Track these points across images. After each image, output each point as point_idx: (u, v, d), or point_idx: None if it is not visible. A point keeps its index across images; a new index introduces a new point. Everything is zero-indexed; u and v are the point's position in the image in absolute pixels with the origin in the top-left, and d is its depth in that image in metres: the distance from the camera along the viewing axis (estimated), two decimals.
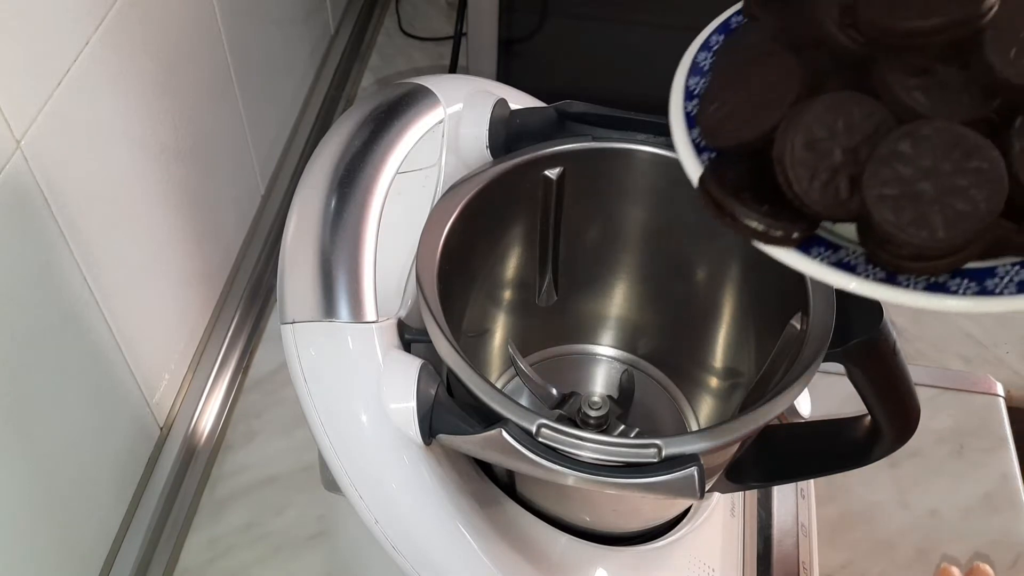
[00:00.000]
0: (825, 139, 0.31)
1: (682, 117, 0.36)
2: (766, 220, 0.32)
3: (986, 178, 0.29)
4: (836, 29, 0.32)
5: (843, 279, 0.31)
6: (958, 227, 0.29)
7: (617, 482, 0.40)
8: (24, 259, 0.49)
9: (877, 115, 0.31)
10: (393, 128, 0.50)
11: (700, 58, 0.38)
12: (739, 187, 0.33)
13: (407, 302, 0.49)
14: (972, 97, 0.30)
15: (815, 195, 0.31)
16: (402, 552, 0.46)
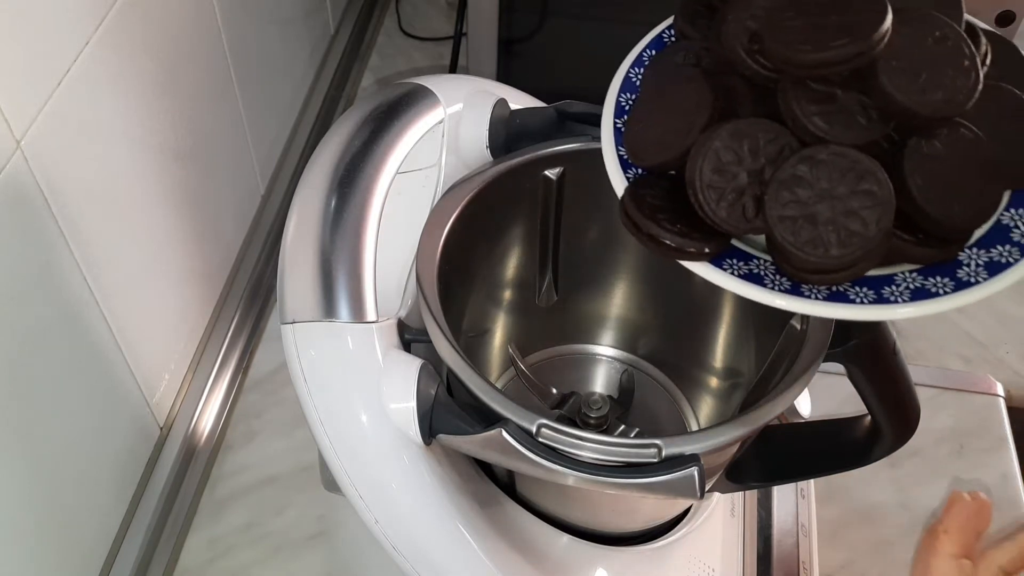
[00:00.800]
0: (732, 163, 0.33)
1: (611, 134, 0.38)
2: (679, 239, 0.34)
3: (876, 200, 0.32)
4: (745, 55, 0.34)
5: (751, 291, 0.33)
6: (850, 246, 0.32)
7: (617, 482, 0.40)
8: (24, 259, 0.49)
9: (781, 139, 0.33)
10: (393, 128, 0.50)
11: (632, 73, 0.40)
12: (656, 207, 0.35)
13: (407, 302, 0.49)
14: (870, 120, 0.33)
15: (723, 214, 0.34)
16: (402, 552, 0.46)
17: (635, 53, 0.41)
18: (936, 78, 0.32)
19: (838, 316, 0.33)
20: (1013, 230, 0.34)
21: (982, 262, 0.33)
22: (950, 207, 0.33)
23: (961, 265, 0.34)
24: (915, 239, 0.33)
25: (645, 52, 0.40)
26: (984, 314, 0.83)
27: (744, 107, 0.35)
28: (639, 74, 0.40)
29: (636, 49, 0.41)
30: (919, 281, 0.34)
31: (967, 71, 0.32)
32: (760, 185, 0.33)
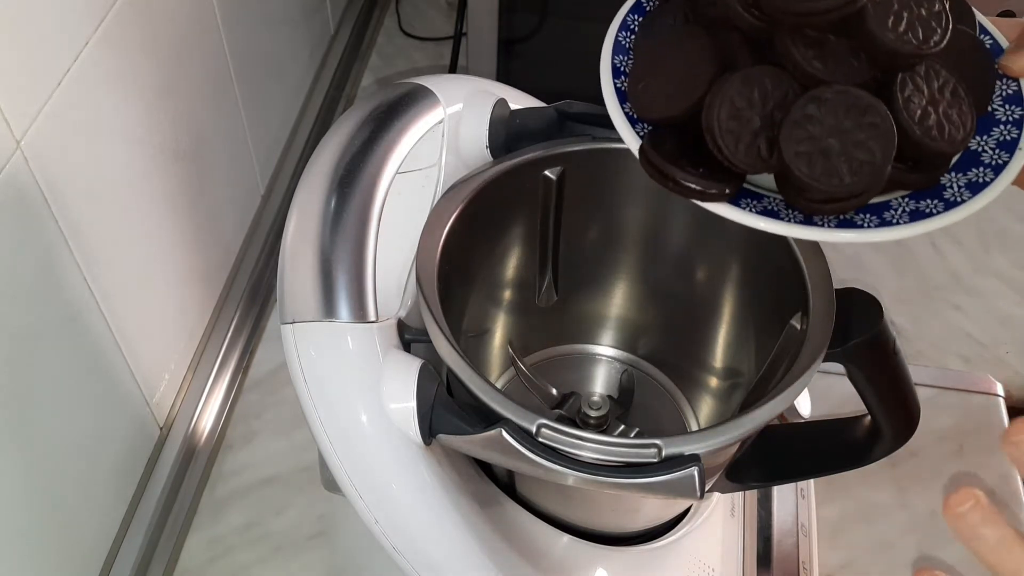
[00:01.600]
0: (745, 108, 0.36)
1: (614, 93, 0.40)
2: (703, 181, 0.37)
3: (879, 131, 0.35)
4: (741, 9, 0.37)
5: (771, 224, 0.36)
6: (861, 173, 0.35)
7: (617, 482, 0.40)
8: (24, 259, 0.49)
9: (785, 83, 0.36)
10: (393, 128, 0.50)
11: (621, 37, 0.42)
12: (675, 155, 0.38)
13: (407, 302, 0.49)
14: (860, 61, 0.36)
15: (741, 156, 0.36)
16: (402, 552, 0.46)
17: (620, 17, 0.43)
18: (915, 22, 0.35)
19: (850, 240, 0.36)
20: (982, 154, 0.37)
21: (962, 184, 0.37)
22: (939, 135, 0.36)
23: (945, 188, 0.37)
24: (906, 166, 0.37)
25: (629, 17, 0.43)
26: (984, 314, 0.83)
27: (742, 59, 0.38)
28: (628, 37, 0.42)
29: (620, 13, 0.43)
30: (912, 205, 0.37)
31: (938, 15, 0.36)
32: (772, 127, 0.36)
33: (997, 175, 0.36)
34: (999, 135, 0.38)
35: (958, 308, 0.84)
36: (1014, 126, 0.38)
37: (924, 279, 0.86)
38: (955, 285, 0.85)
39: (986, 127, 0.38)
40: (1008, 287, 0.85)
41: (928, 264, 0.87)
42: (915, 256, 0.87)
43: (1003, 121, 0.38)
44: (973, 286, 0.85)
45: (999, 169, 0.37)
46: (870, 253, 0.86)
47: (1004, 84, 0.39)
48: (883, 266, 0.86)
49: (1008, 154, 0.37)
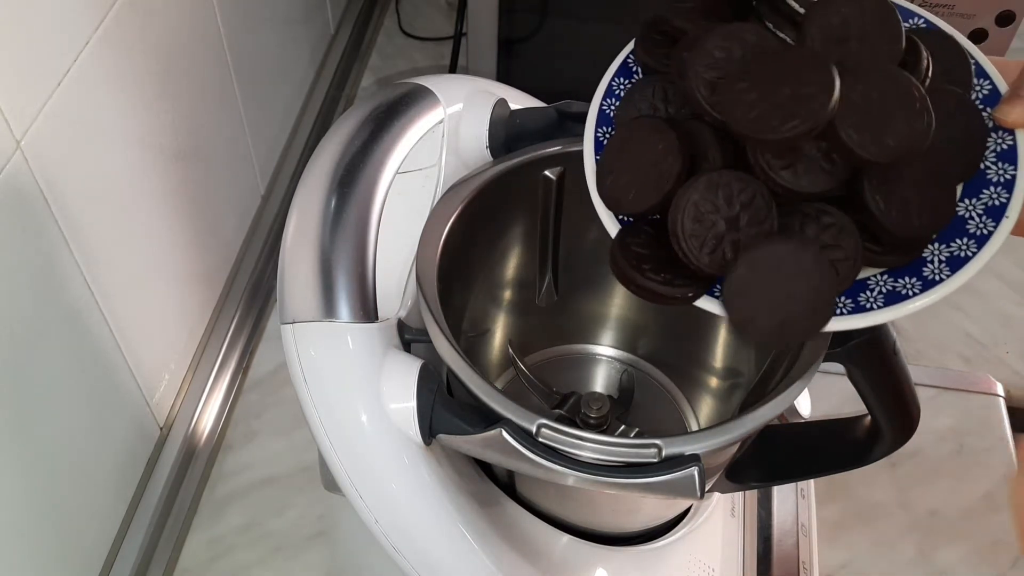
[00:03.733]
0: (710, 212, 0.36)
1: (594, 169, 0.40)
2: (666, 288, 0.38)
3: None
4: (708, 107, 0.36)
5: None
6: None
7: (617, 482, 0.40)
8: (24, 259, 0.49)
9: (752, 187, 0.36)
10: (393, 128, 0.50)
11: (605, 105, 0.42)
12: (642, 256, 0.38)
13: (407, 302, 0.49)
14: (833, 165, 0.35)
15: (705, 260, 0.36)
16: (402, 552, 0.46)
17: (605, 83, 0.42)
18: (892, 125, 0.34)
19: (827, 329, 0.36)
20: (969, 221, 0.36)
21: (944, 258, 0.36)
22: (910, 221, 0.35)
23: (926, 263, 0.36)
24: (882, 249, 0.36)
25: (615, 81, 0.42)
26: (984, 314, 0.83)
27: (712, 153, 0.37)
28: (612, 104, 0.42)
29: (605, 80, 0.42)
30: (890, 284, 0.36)
31: (919, 113, 0.34)
32: (736, 231, 0.36)
33: (980, 248, 0.34)
34: (988, 199, 0.35)
35: (958, 308, 0.84)
36: (1004, 188, 0.35)
37: None
38: None
39: (976, 189, 0.36)
40: (1008, 287, 0.85)
41: None
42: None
43: (994, 182, 0.35)
44: (974, 286, 0.85)
45: (983, 241, 0.34)
46: None
47: (999, 137, 0.36)
48: None
49: (995, 223, 0.34)
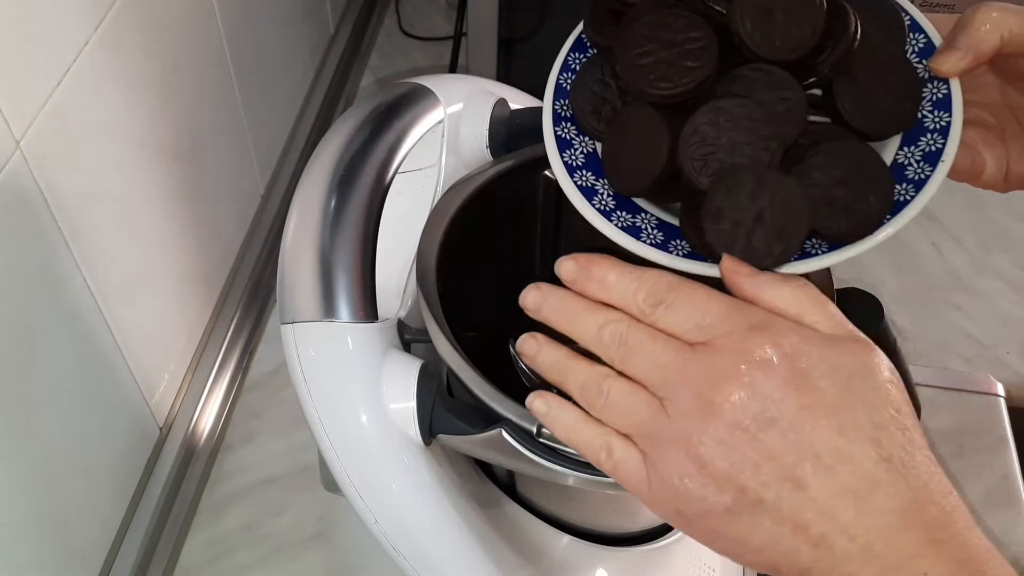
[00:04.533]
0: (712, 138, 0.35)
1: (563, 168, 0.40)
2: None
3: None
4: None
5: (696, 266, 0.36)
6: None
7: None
8: (24, 259, 0.49)
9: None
10: (393, 128, 0.50)
11: (562, 79, 0.42)
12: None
13: (407, 302, 0.49)
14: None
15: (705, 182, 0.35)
16: (402, 552, 0.46)
17: (560, 60, 0.43)
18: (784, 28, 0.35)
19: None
20: (907, 167, 0.36)
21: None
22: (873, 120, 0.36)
23: None
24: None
25: (571, 56, 0.42)
26: (984, 314, 0.83)
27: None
28: (568, 79, 0.42)
29: (560, 57, 0.43)
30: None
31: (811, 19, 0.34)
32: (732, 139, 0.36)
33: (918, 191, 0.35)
34: (925, 145, 0.36)
35: (959, 308, 0.84)
36: (940, 135, 0.36)
37: (925, 279, 0.86)
38: (956, 285, 0.85)
39: (914, 136, 0.37)
40: (1008, 287, 0.85)
41: (929, 264, 0.87)
42: (916, 256, 0.87)
43: (930, 129, 0.36)
44: (974, 286, 0.85)
45: (920, 185, 0.35)
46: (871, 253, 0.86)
47: (935, 87, 0.37)
48: (884, 266, 0.86)
49: (932, 167, 0.35)
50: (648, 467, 0.32)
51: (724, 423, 0.30)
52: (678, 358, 0.31)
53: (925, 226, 0.89)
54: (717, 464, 0.30)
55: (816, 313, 0.32)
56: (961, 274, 0.86)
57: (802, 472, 0.29)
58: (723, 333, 0.31)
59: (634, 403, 0.32)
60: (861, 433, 0.29)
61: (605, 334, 0.33)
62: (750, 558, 0.32)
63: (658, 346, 0.32)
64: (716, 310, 0.31)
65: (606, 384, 0.33)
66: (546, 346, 0.35)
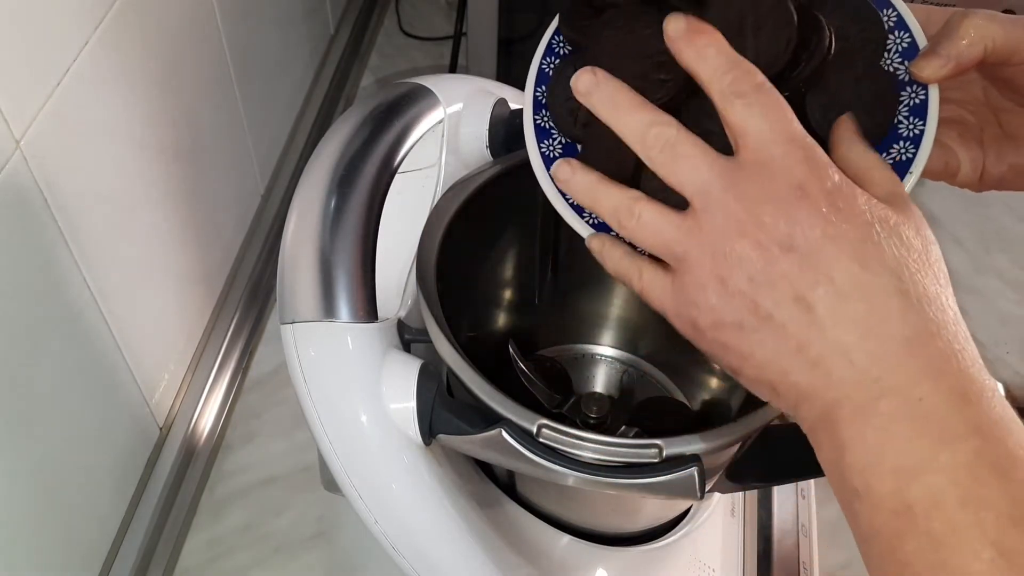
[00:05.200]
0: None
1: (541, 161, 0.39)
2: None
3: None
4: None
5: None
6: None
7: (617, 482, 0.40)
8: (23, 259, 0.49)
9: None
10: (393, 128, 0.50)
11: (544, 64, 0.41)
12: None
13: (407, 302, 0.49)
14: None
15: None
16: (402, 552, 0.46)
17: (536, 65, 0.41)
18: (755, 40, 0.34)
19: None
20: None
21: None
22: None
23: None
24: None
25: (544, 61, 0.41)
26: (984, 314, 0.83)
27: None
28: (552, 63, 0.41)
29: (536, 61, 0.41)
30: None
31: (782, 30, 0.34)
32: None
33: None
34: (896, 153, 0.36)
35: (958, 308, 0.83)
36: (912, 144, 0.36)
37: None
38: (955, 285, 0.84)
39: (887, 143, 0.36)
40: (1008, 287, 0.85)
41: None
42: None
43: (904, 136, 0.36)
44: (973, 286, 0.85)
45: None
46: None
47: (913, 92, 0.37)
48: None
49: (900, 177, 0.35)
50: (674, 285, 0.33)
51: (751, 242, 0.31)
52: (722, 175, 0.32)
53: None
54: (738, 279, 0.31)
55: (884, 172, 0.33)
56: (961, 274, 0.86)
57: (814, 295, 0.30)
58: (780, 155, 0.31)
59: (664, 224, 0.33)
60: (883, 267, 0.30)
61: (651, 134, 0.33)
62: (751, 373, 0.33)
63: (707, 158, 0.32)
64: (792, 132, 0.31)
65: (637, 206, 0.33)
66: (580, 170, 0.36)
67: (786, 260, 0.30)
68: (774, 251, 0.31)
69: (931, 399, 0.29)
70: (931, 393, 0.29)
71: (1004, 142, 0.40)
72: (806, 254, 0.30)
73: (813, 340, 0.30)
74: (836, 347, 0.30)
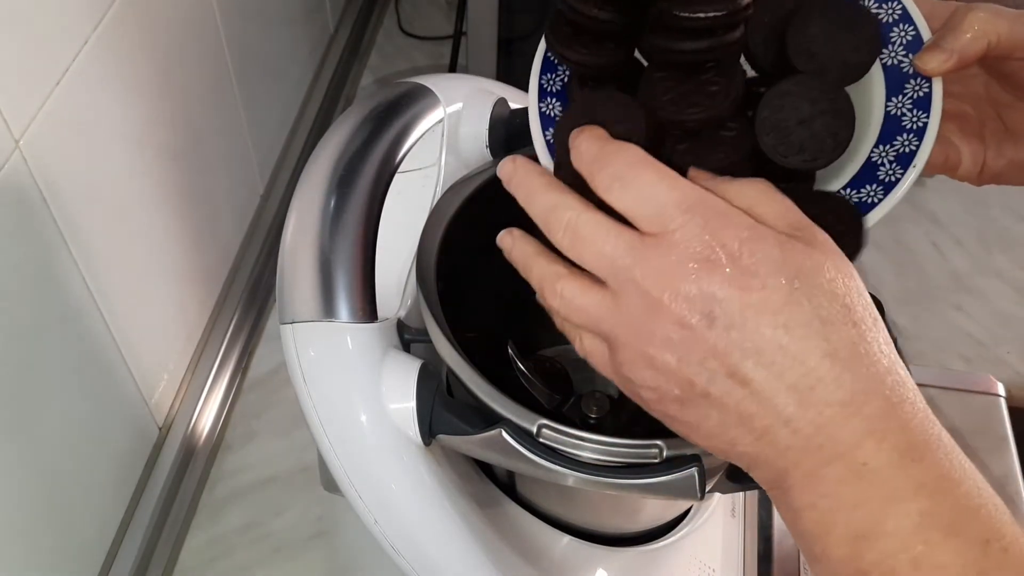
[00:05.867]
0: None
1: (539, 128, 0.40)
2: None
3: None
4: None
5: None
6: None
7: (617, 483, 0.40)
8: (23, 259, 0.49)
9: None
10: (393, 128, 0.50)
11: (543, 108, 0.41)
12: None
13: (407, 302, 0.49)
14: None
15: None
16: (401, 552, 0.46)
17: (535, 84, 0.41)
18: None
19: None
20: (880, 167, 0.36)
21: (853, 203, 0.36)
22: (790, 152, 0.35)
23: None
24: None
25: (544, 78, 0.41)
26: (985, 314, 0.83)
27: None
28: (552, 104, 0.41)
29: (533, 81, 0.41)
30: None
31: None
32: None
33: (886, 195, 0.35)
34: (900, 146, 0.36)
35: (959, 308, 0.83)
36: (916, 136, 0.36)
37: (925, 279, 0.86)
38: (956, 285, 0.85)
39: (891, 135, 0.36)
40: (1008, 287, 0.85)
41: (929, 264, 0.87)
42: (916, 256, 0.87)
43: (908, 129, 0.36)
44: (974, 286, 0.85)
45: (890, 188, 0.35)
46: (871, 253, 0.86)
47: (917, 84, 0.36)
48: (884, 266, 0.86)
49: (903, 170, 0.35)
50: (611, 358, 0.33)
51: (671, 320, 0.30)
52: (628, 253, 0.31)
53: (925, 226, 0.89)
54: (666, 359, 0.31)
55: (773, 206, 0.32)
56: (961, 274, 0.86)
57: (745, 368, 0.30)
58: (677, 226, 0.30)
59: (585, 303, 0.33)
60: (808, 329, 0.29)
61: (552, 217, 0.33)
62: (703, 443, 0.33)
63: (609, 239, 0.31)
64: (675, 200, 0.31)
65: (559, 284, 0.33)
66: (520, 240, 0.36)
67: (711, 335, 0.30)
68: (697, 327, 0.30)
69: (874, 462, 0.29)
70: (873, 455, 0.29)
71: (1004, 137, 0.40)
72: (728, 327, 0.30)
73: (755, 413, 0.30)
74: (778, 418, 0.30)
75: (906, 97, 0.37)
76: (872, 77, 0.37)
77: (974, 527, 0.28)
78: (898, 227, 0.90)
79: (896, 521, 0.28)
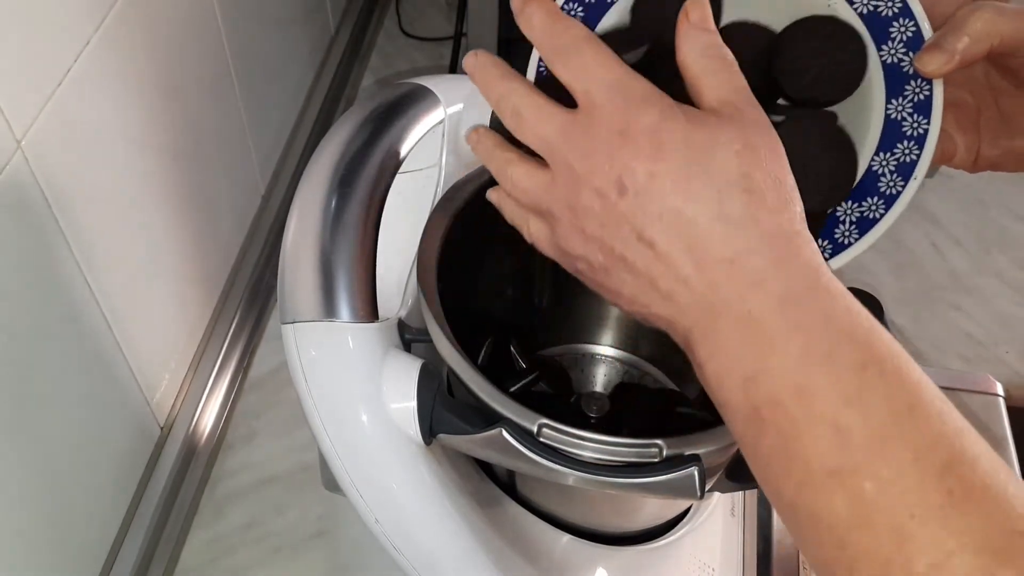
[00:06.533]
0: None
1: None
2: None
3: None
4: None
5: None
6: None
7: (618, 482, 0.40)
8: (24, 259, 0.49)
9: None
10: (393, 128, 0.50)
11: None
12: None
13: (407, 302, 0.49)
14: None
15: None
16: (402, 552, 0.46)
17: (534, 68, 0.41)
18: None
19: None
20: (881, 178, 0.36)
21: (854, 218, 0.36)
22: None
23: (838, 223, 0.37)
24: None
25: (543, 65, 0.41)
26: (984, 314, 0.83)
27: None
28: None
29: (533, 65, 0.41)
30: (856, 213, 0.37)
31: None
32: None
33: (888, 209, 0.35)
34: (901, 154, 0.36)
35: (958, 308, 0.84)
36: (916, 144, 0.35)
37: (924, 279, 0.86)
38: (955, 285, 0.85)
39: (891, 142, 0.36)
40: (1008, 287, 0.85)
41: (928, 264, 0.87)
42: (915, 256, 0.87)
43: (908, 136, 0.36)
44: (973, 286, 0.85)
45: (891, 201, 0.35)
46: (871, 254, 0.86)
47: (918, 86, 0.36)
48: (883, 266, 0.86)
49: (904, 182, 0.35)
50: (552, 235, 0.36)
51: (592, 191, 0.33)
52: (560, 132, 0.34)
53: (925, 226, 0.89)
54: (592, 228, 0.34)
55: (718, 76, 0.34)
56: (961, 274, 0.86)
57: (652, 232, 0.32)
58: (606, 100, 0.33)
59: (530, 185, 0.36)
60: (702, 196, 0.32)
61: (504, 104, 0.36)
62: (627, 308, 0.35)
63: (543, 119, 0.34)
64: (609, 78, 0.33)
65: (509, 169, 0.36)
66: (484, 135, 0.39)
67: (623, 203, 0.33)
68: (611, 196, 0.33)
69: (757, 310, 0.31)
70: (757, 305, 0.31)
71: (1000, 125, 0.40)
72: (636, 194, 0.32)
73: (660, 274, 0.33)
74: (678, 278, 0.32)
75: (907, 100, 0.36)
76: (872, 78, 0.37)
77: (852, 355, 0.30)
78: (897, 227, 0.89)
79: (779, 359, 0.31)
